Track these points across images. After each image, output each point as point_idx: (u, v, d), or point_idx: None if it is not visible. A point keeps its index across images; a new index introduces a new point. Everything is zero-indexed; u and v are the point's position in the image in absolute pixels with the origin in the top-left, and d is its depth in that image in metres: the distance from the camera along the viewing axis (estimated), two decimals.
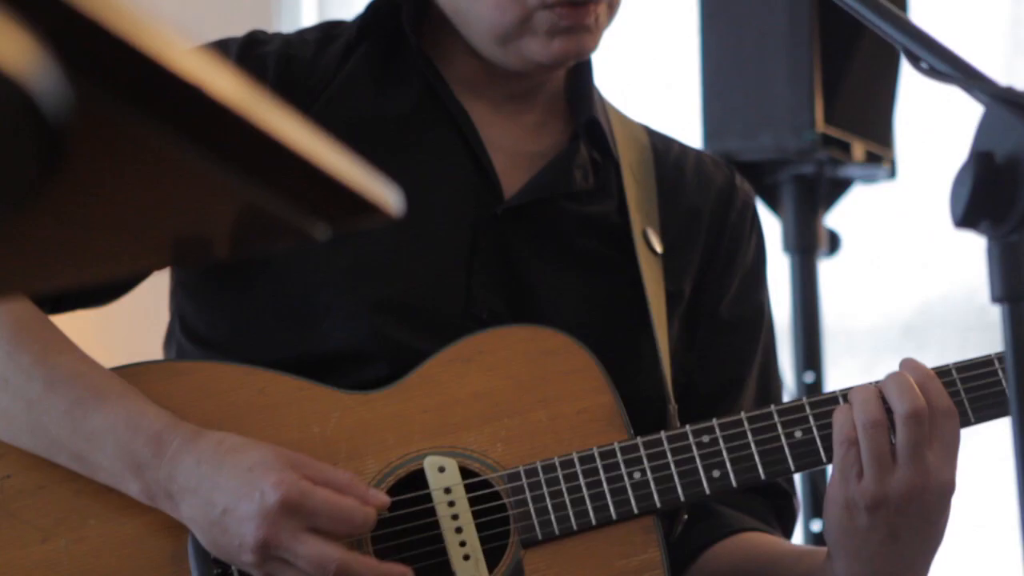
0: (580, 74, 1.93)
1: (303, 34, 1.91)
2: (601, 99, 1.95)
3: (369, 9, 1.89)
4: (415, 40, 1.86)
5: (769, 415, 1.75)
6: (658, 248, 1.88)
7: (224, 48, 1.85)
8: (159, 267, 1.62)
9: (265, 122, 0.63)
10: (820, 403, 1.75)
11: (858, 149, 3.11)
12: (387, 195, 0.73)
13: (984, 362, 1.75)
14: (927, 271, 3.87)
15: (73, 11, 0.54)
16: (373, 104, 1.85)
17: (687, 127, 3.07)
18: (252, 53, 1.84)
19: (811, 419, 1.75)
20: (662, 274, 1.88)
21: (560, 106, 1.93)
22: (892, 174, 3.24)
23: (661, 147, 1.98)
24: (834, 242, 3.24)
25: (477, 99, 1.87)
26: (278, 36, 1.88)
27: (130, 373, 1.76)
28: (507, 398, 1.78)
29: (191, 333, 1.86)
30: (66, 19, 0.54)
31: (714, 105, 3.12)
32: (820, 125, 3.04)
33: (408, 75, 1.87)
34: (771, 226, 3.25)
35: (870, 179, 3.26)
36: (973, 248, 1.17)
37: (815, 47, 3.02)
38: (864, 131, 3.13)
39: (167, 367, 1.82)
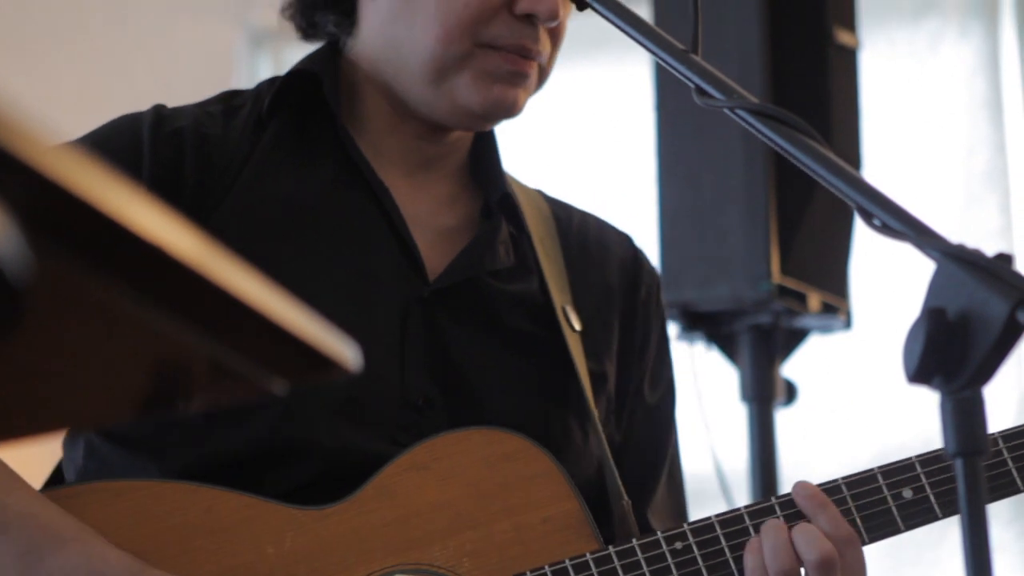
0: (486, 145, 1.91)
1: (205, 107, 1.85)
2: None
3: (283, 82, 1.84)
4: (338, 112, 1.82)
5: (740, 518, 1.74)
6: (577, 326, 1.86)
7: (135, 125, 1.79)
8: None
9: (225, 280, 0.64)
10: (759, 512, 1.75)
11: (814, 300, 3.14)
12: (344, 351, 0.73)
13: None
14: (883, 421, 3.88)
15: (33, 172, 0.55)
16: (294, 182, 1.80)
17: None
18: (165, 131, 1.78)
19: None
20: (583, 353, 1.85)
21: (466, 179, 1.90)
22: (848, 324, 3.26)
23: (563, 216, 1.96)
24: (791, 392, 3.26)
25: (391, 169, 1.84)
26: (185, 111, 1.83)
27: (63, 496, 1.68)
28: (469, 508, 1.72)
29: (105, 429, 1.76)
30: (26, 180, 0.55)
31: (671, 255, 3.14)
32: (776, 275, 3.06)
33: (325, 149, 1.83)
34: (728, 376, 3.26)
35: (826, 329, 3.28)
36: (929, 399, 1.17)
37: (771, 198, 3.05)
38: (820, 282, 3.16)
39: (102, 488, 1.71)
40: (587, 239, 1.96)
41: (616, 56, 4.34)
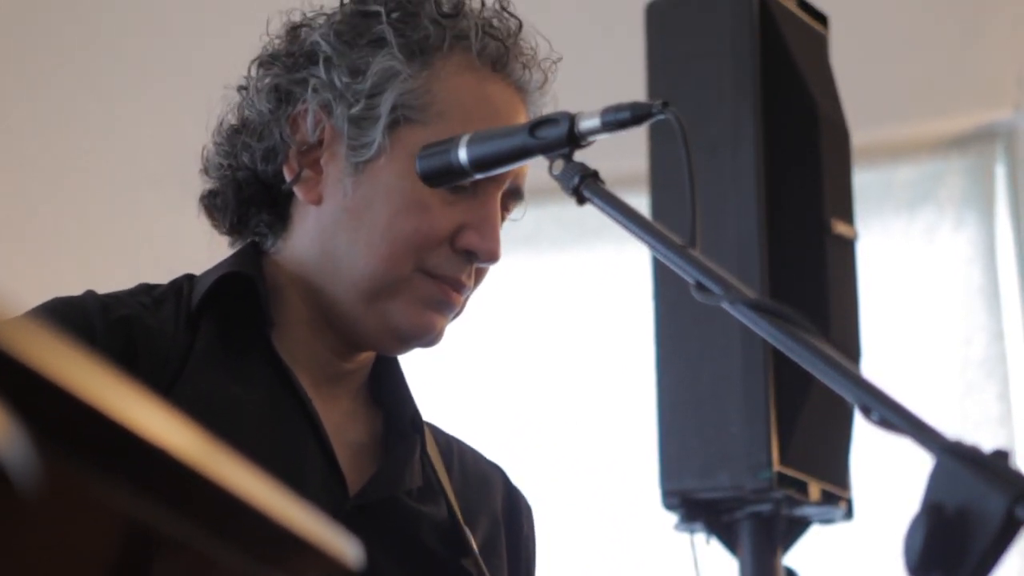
0: (389, 366, 1.91)
1: (136, 297, 1.81)
2: None
3: (215, 285, 1.80)
4: (271, 321, 1.80)
5: None
6: (475, 549, 1.86)
7: (80, 309, 1.75)
8: None
9: (228, 479, 0.64)
10: None
11: (814, 489, 3.13)
12: (346, 549, 0.73)
13: None
14: None
15: (37, 376, 0.56)
16: (228, 384, 1.76)
17: (644, 465, 3.08)
18: (113, 318, 1.75)
19: None
20: None
21: (365, 397, 1.90)
22: (849, 514, 3.25)
23: (441, 440, 1.96)
24: None
25: (304, 378, 1.81)
26: (122, 299, 1.79)
27: None
28: None
29: None
30: (29, 383, 0.56)
31: (670, 443, 3.13)
32: (776, 464, 3.05)
33: (256, 351, 1.80)
34: (728, 565, 3.24)
35: (827, 519, 3.26)
36: None
37: (770, 387, 3.06)
38: (820, 471, 3.15)
39: None
40: (467, 466, 1.97)
41: (615, 244, 4.38)
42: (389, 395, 1.90)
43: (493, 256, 1.81)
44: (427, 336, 1.82)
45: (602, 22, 4.54)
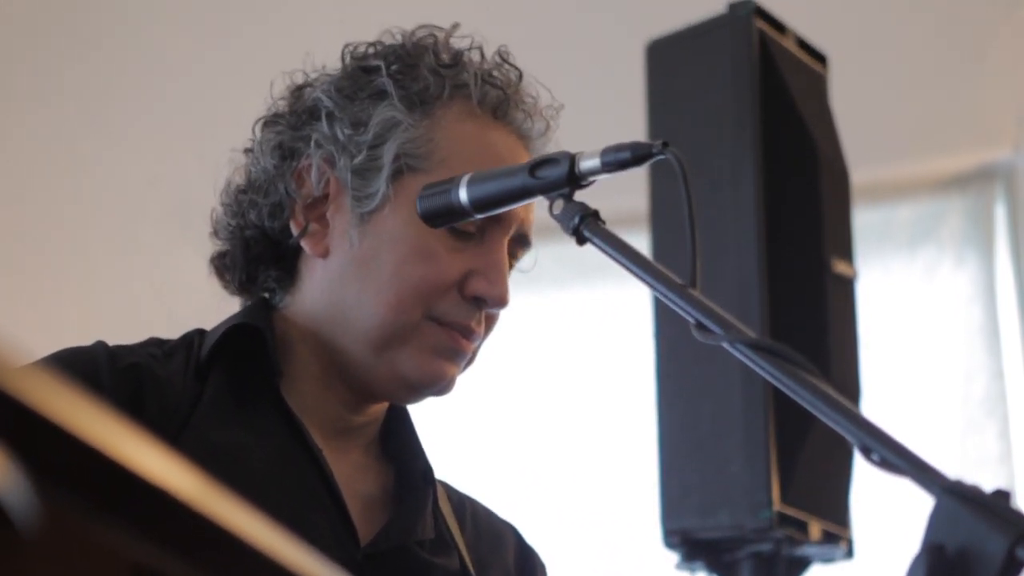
0: (400, 419, 1.91)
1: (146, 348, 1.81)
2: None
3: (224, 336, 1.81)
4: (280, 372, 1.81)
5: None
6: None
7: (88, 357, 1.76)
8: None
9: (231, 522, 0.64)
10: None
11: (815, 528, 3.12)
12: None
13: None
14: None
15: (36, 417, 0.56)
16: (238, 435, 1.76)
17: (644, 505, 3.07)
18: (121, 365, 1.75)
19: None
20: None
21: (376, 450, 1.90)
22: (850, 554, 3.24)
23: (454, 497, 1.97)
24: None
25: (314, 431, 1.81)
26: (133, 349, 1.80)
27: None
28: None
29: None
30: (29, 425, 0.56)
31: (671, 483, 3.13)
32: (777, 503, 3.05)
33: (266, 403, 1.80)
34: None
35: (827, 558, 3.26)
36: None
37: (771, 426, 3.06)
38: (821, 510, 3.14)
39: None
40: (479, 522, 1.97)
41: (615, 282, 4.38)
42: (400, 449, 1.90)
43: (502, 301, 1.81)
44: (438, 384, 1.82)
45: (602, 60, 4.56)
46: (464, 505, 1.97)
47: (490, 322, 1.85)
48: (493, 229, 1.81)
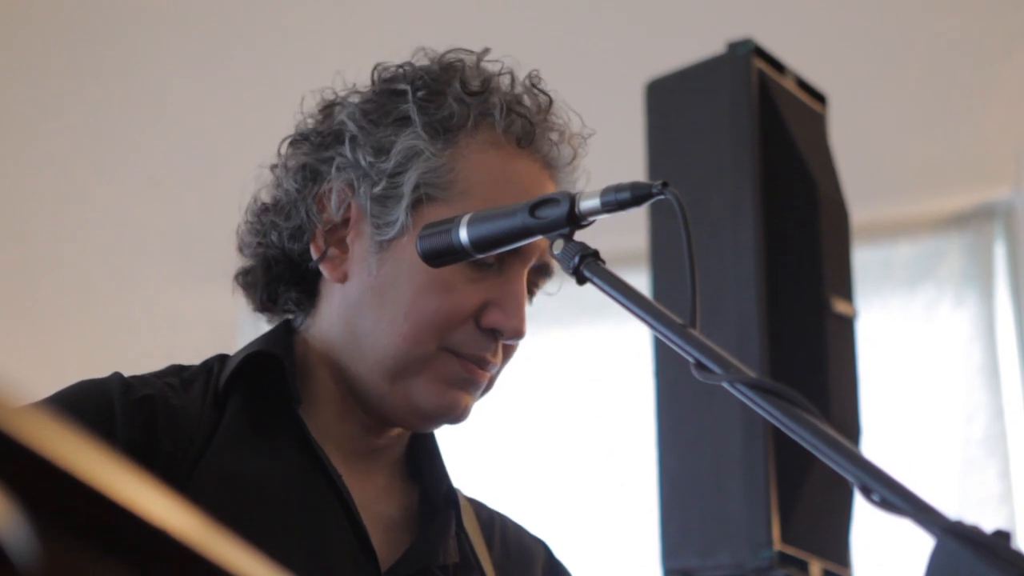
0: (425, 441, 1.91)
1: (163, 378, 1.81)
2: None
3: (240, 365, 1.81)
4: (299, 398, 1.81)
5: None
6: None
7: (102, 389, 1.75)
8: None
9: (230, 562, 0.64)
10: None
11: (815, 568, 3.11)
12: None
13: None
14: None
15: (36, 458, 0.56)
16: (256, 463, 1.76)
17: (644, 544, 3.07)
18: (134, 397, 1.74)
19: None
20: None
21: (401, 472, 1.89)
22: None
23: (483, 515, 1.96)
24: None
25: (335, 454, 1.81)
26: (148, 380, 1.80)
27: None
28: None
29: None
30: (28, 465, 0.56)
31: (672, 522, 3.13)
32: (777, 543, 3.04)
33: (284, 429, 1.80)
34: None
35: None
36: None
37: (771, 465, 3.05)
38: (821, 550, 3.14)
39: None
40: (508, 540, 1.96)
41: (615, 321, 4.38)
42: (424, 470, 1.90)
43: (518, 333, 1.81)
44: (451, 414, 1.82)
45: (601, 99, 4.57)
46: (493, 522, 1.97)
47: (508, 352, 1.85)
48: (512, 260, 1.81)
